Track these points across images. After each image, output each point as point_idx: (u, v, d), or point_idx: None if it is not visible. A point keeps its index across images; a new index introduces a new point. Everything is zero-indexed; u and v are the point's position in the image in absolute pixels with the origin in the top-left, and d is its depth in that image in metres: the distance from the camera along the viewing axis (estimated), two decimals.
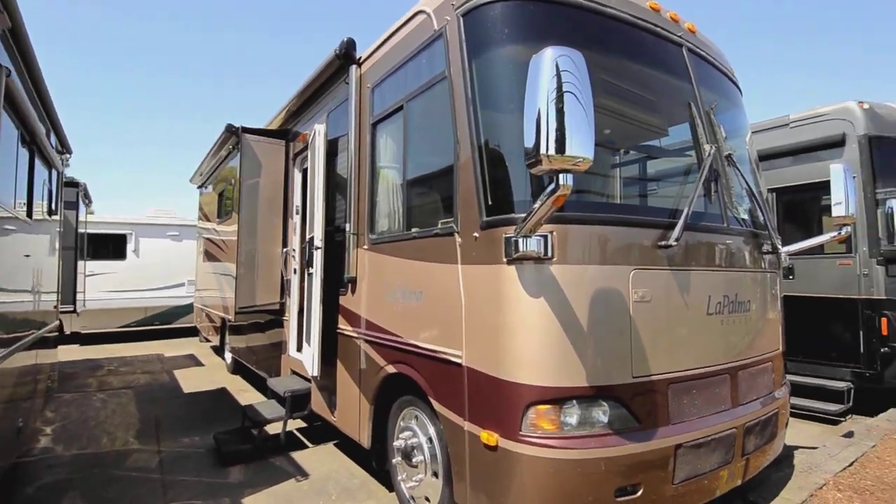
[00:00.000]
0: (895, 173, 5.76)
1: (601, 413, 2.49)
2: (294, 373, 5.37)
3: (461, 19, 2.86)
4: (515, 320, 2.49)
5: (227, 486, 4.17)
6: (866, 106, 5.85)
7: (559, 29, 2.85)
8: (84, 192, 9.18)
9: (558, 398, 2.42)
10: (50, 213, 5.35)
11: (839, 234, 3.83)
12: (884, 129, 5.82)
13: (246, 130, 5.51)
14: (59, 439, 5.38)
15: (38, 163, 4.46)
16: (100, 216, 16.18)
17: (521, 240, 2.37)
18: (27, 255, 4.17)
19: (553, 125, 1.92)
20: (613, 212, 2.73)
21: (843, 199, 3.82)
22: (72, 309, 8.33)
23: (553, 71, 1.94)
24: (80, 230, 10.00)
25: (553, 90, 1.93)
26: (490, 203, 2.62)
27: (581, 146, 1.94)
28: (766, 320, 3.42)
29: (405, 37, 3.47)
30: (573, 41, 2.81)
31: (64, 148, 6.09)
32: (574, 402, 2.44)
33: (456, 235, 2.83)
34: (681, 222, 2.69)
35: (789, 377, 4.48)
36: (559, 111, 1.93)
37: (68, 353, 11.22)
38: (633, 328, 2.55)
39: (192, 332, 12.55)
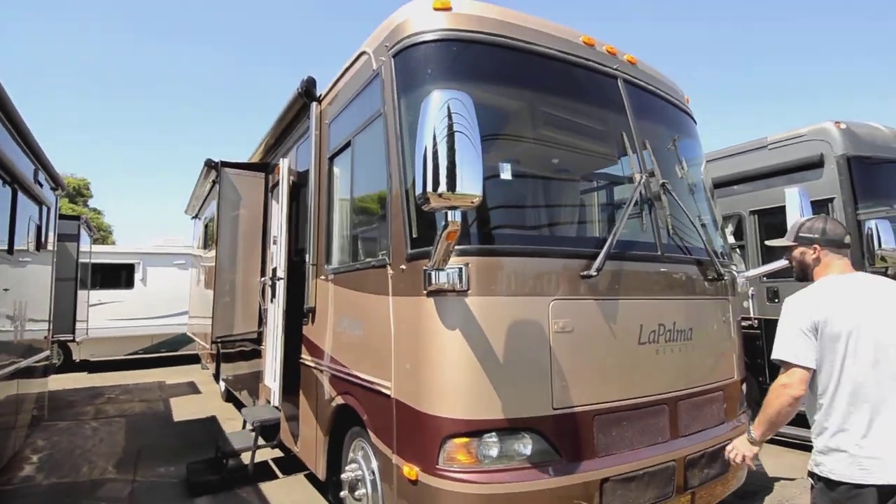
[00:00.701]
0: (875, 194, 5.65)
1: (520, 446, 2.47)
2: (268, 402, 5.42)
3: (393, 60, 2.98)
4: (433, 352, 2.52)
5: None
6: (843, 126, 5.80)
7: (486, 68, 2.94)
8: (86, 225, 9.53)
9: (475, 431, 2.42)
10: (38, 246, 5.57)
11: None
12: (862, 149, 5.75)
13: (225, 164, 5.70)
14: (42, 467, 5.48)
15: (20, 200, 4.68)
16: (108, 246, 16.72)
17: (433, 272, 2.42)
18: (5, 289, 4.35)
19: (441, 164, 1.98)
20: (534, 243, 2.75)
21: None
22: (71, 338, 8.56)
23: (440, 113, 2.01)
24: (84, 260, 10.36)
25: (441, 131, 2.00)
26: (414, 236, 2.67)
27: (469, 184, 2.00)
28: (716, 348, 3.37)
29: (353, 75, 3.61)
30: (500, 79, 2.95)
31: (56, 184, 6.37)
32: (492, 435, 2.44)
33: (388, 267, 2.89)
34: (603, 252, 2.70)
35: None
36: (447, 151, 1.99)
37: (75, 380, 11.47)
38: (554, 359, 2.55)
39: (196, 359, 12.73)
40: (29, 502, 4.52)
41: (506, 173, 2.70)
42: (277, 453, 5.54)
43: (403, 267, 2.73)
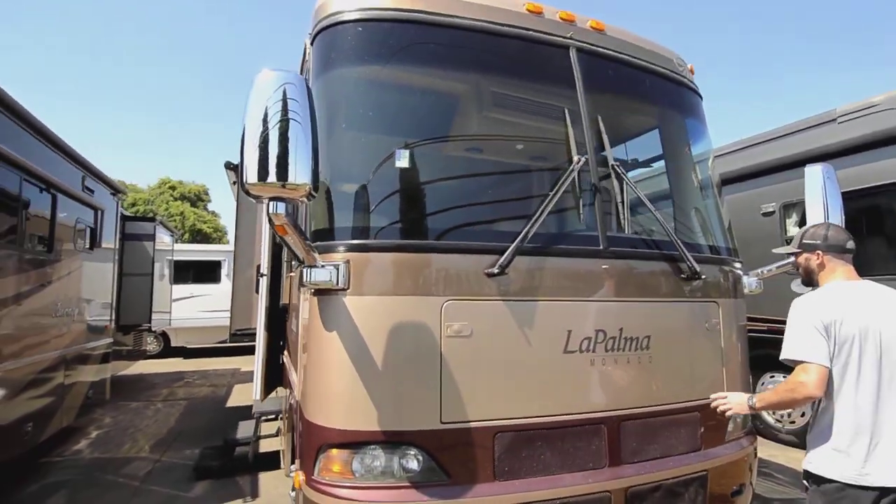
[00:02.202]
0: None
1: (400, 462, 2.23)
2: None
3: (311, 46, 2.85)
4: (314, 355, 2.37)
5: (184, 500, 4.44)
6: None
7: (401, 46, 2.70)
8: (164, 225, 10.60)
9: (350, 442, 2.23)
10: (92, 245, 6.25)
11: None
12: None
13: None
14: (94, 443, 6.17)
15: (62, 204, 5.26)
16: (198, 245, 18.53)
17: (306, 270, 2.26)
18: (44, 285, 4.91)
19: (270, 151, 1.82)
20: (430, 236, 2.45)
21: (822, 208, 3.08)
22: (148, 327, 9.56)
23: (269, 95, 1.85)
24: (168, 258, 11.54)
25: (271, 116, 1.84)
26: (313, 229, 2.52)
27: (296, 173, 1.82)
28: (691, 360, 2.82)
29: (303, 62, 3.54)
30: (418, 58, 2.71)
31: (115, 190, 7.12)
32: (371, 447, 2.23)
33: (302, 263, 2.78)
34: (511, 247, 2.35)
35: None
36: (276, 136, 1.83)
37: (170, 365, 12.88)
38: (445, 367, 2.26)
39: None
40: (67, 473, 5.09)
41: (402, 160, 2.46)
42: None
43: None
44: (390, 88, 2.70)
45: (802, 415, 5.59)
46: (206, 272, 14.60)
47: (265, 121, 1.84)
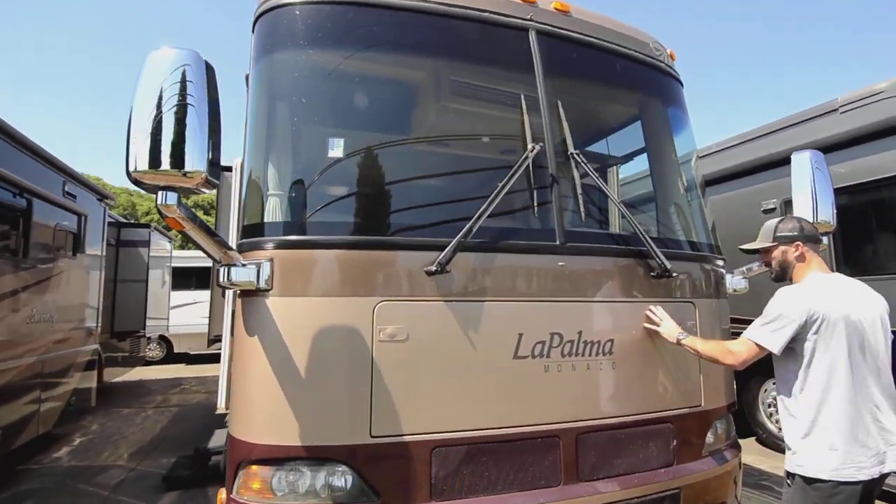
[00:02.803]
0: None
1: (327, 480, 2.02)
2: None
3: (252, 31, 2.69)
4: (237, 363, 2.18)
5: None
6: None
7: (343, 31, 2.52)
8: (160, 232, 10.58)
9: (271, 458, 2.03)
10: (75, 251, 6.18)
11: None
12: None
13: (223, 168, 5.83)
14: (75, 450, 6.06)
15: (38, 211, 5.18)
16: (200, 252, 18.55)
17: (222, 269, 2.07)
18: (16, 290, 4.83)
19: (160, 136, 1.65)
20: (364, 232, 2.24)
21: (811, 199, 2.83)
22: (141, 333, 9.50)
23: (159, 76, 1.68)
24: (168, 264, 11.52)
25: (162, 97, 1.67)
26: (244, 223, 2.34)
27: (192, 160, 1.64)
28: (663, 367, 2.57)
29: None
30: (361, 43, 2.54)
31: (102, 196, 7.07)
32: (291, 464, 2.03)
33: None
34: (453, 242, 2.14)
35: None
36: (168, 120, 1.65)
37: (170, 371, 12.86)
38: (376, 375, 2.06)
39: None
40: (42, 480, 4.98)
41: (336, 150, 2.27)
42: None
43: None
44: (330, 75, 2.52)
45: None
46: (208, 279, 14.60)
47: (159, 104, 1.67)
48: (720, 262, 3.01)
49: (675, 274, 2.56)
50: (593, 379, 2.37)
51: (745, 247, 2.55)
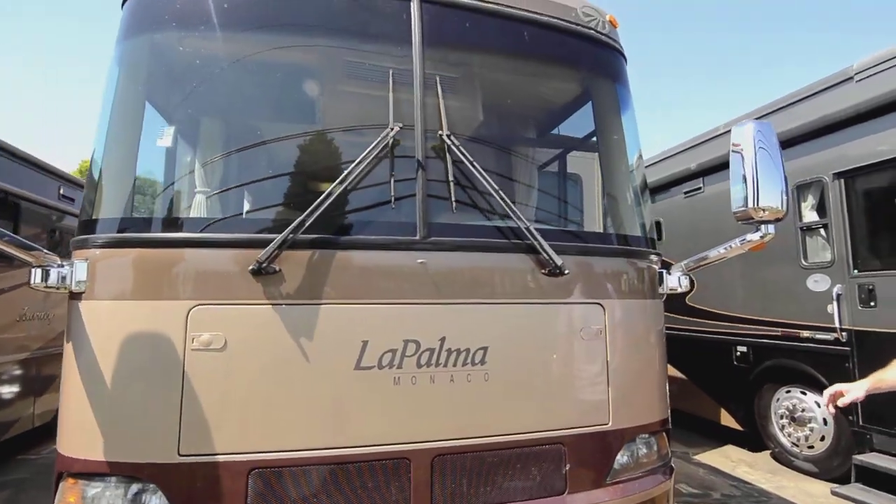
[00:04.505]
0: None
1: (141, 499, 1.85)
2: None
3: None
4: (63, 369, 2.05)
5: None
6: None
7: (198, 15, 2.32)
8: None
9: (85, 473, 1.89)
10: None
11: (759, 237, 2.36)
12: None
13: None
14: None
15: (27, 212, 5.43)
16: None
17: (32, 271, 1.94)
18: (8, 290, 5.08)
19: None
20: (189, 228, 2.03)
21: (752, 180, 2.35)
22: None
23: None
24: None
25: None
26: (84, 218, 2.15)
27: None
28: (547, 379, 2.21)
29: None
30: (210, 15, 2.32)
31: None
32: (104, 479, 1.87)
33: None
34: (278, 238, 1.89)
35: None
36: None
37: None
38: (188, 387, 1.85)
39: None
40: (30, 471, 5.22)
41: (165, 139, 2.09)
42: None
43: None
44: (178, 55, 2.32)
45: (822, 438, 4.59)
46: None
47: None
48: (653, 258, 2.58)
49: (567, 271, 2.18)
50: (458, 393, 2.06)
51: None
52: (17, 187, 5.28)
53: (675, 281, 2.62)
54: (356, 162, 2.03)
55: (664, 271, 2.60)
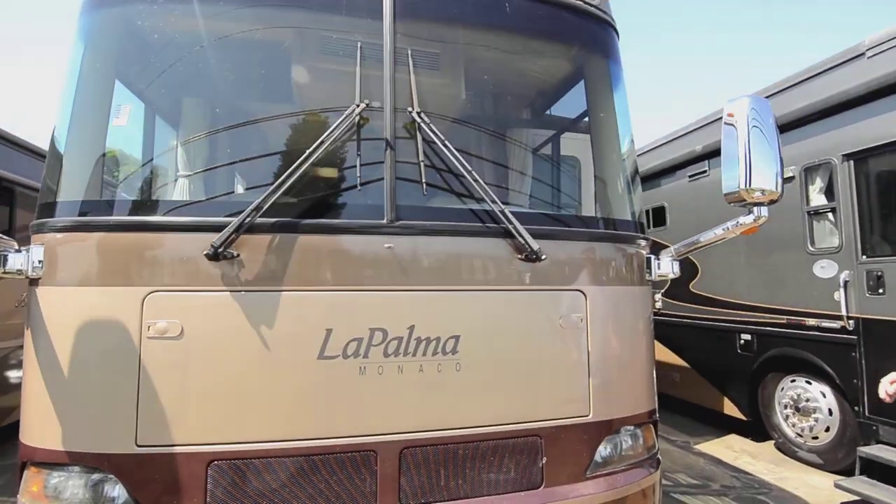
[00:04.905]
0: None
1: (95, 488, 1.81)
2: None
3: None
4: (24, 357, 2.00)
5: None
6: None
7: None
8: None
9: (45, 462, 1.85)
10: None
11: (752, 220, 2.24)
12: None
13: None
14: None
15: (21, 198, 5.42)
16: None
17: None
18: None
19: None
20: (145, 212, 1.95)
21: (745, 160, 2.21)
22: None
23: None
24: None
25: None
26: (41, 202, 2.07)
27: None
28: (524, 369, 2.11)
29: None
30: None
31: None
32: (64, 469, 1.83)
33: None
34: (235, 221, 1.80)
35: None
36: None
37: None
38: (144, 376, 1.79)
39: None
40: None
41: (120, 118, 2.00)
42: None
43: None
44: (139, 28, 2.21)
45: (827, 429, 4.45)
46: None
47: None
48: (641, 243, 2.46)
49: (545, 256, 2.07)
50: (428, 384, 1.97)
51: None
52: (11, 173, 5.27)
53: (665, 266, 2.50)
54: (317, 142, 1.93)
55: (653, 257, 2.48)
